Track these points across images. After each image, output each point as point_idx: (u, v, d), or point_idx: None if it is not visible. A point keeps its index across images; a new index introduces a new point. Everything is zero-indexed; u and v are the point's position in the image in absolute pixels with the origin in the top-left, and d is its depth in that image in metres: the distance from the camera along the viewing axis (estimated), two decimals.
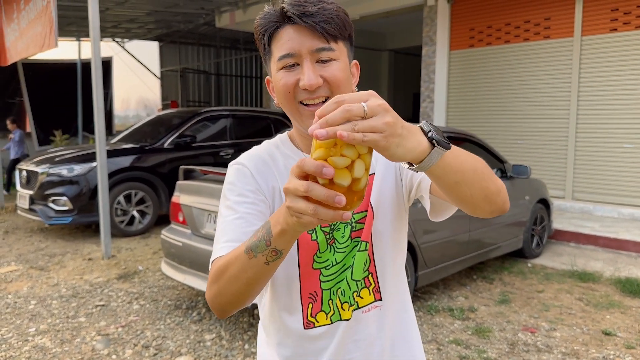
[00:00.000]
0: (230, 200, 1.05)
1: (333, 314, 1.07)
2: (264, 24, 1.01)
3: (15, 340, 3.52)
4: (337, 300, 1.07)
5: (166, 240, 4.12)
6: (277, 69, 1.00)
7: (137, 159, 6.73)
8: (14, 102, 12.84)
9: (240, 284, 0.90)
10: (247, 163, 1.09)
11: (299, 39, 0.97)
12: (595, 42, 7.27)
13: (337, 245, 1.06)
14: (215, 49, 16.24)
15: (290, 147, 1.12)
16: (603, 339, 3.53)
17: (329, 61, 0.99)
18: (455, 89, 8.95)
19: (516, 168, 5.13)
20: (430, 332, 3.62)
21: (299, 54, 0.97)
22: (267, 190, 1.07)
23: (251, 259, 0.86)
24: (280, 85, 1.00)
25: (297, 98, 0.99)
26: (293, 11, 0.96)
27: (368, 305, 1.09)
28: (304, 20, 0.96)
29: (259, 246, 0.84)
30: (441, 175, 0.85)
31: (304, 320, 1.08)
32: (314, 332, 1.08)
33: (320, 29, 0.96)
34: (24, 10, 7.11)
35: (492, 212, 0.97)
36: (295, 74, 0.98)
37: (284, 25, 0.98)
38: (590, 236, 6.06)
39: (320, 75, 0.97)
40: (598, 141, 7.33)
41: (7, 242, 6.24)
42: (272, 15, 1.00)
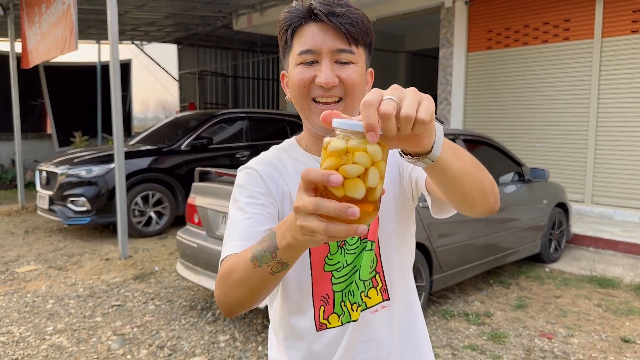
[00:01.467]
0: (240, 202, 1.05)
1: (344, 316, 1.07)
2: (289, 17, 1.02)
3: (33, 338, 3.57)
4: (348, 301, 1.07)
5: (181, 241, 4.15)
6: (296, 64, 1.01)
7: (155, 161, 6.80)
8: (36, 104, 13.06)
9: (244, 289, 0.89)
10: (256, 167, 1.09)
11: (321, 37, 0.98)
12: (616, 43, 7.15)
13: (347, 247, 1.06)
14: (233, 52, 16.34)
15: (299, 150, 1.12)
16: (622, 346, 3.47)
17: (347, 63, 1.00)
18: (472, 91, 8.88)
19: (534, 171, 5.07)
20: (445, 337, 3.59)
21: (320, 52, 0.98)
22: (277, 194, 1.07)
23: (256, 269, 0.84)
24: (297, 80, 1.01)
25: (311, 94, 1.01)
26: (321, 9, 0.97)
27: (376, 306, 1.09)
28: (330, 20, 0.97)
29: (264, 256, 0.82)
30: (447, 164, 0.80)
31: (316, 323, 1.08)
32: (326, 334, 1.08)
33: (345, 30, 0.98)
34: (45, 14, 7.24)
35: (484, 211, 0.94)
36: (312, 70, 0.99)
37: (309, 22, 1.00)
38: (610, 241, 5.96)
39: (337, 75, 0.99)
40: (618, 144, 7.20)
41: (27, 242, 6.35)
42: (299, 11, 1.01)
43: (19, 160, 9.01)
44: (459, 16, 8.67)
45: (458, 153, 0.85)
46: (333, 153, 0.64)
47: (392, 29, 12.27)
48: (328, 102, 1.00)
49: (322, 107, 1.00)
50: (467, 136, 4.67)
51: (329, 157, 0.65)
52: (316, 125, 1.03)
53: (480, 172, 0.91)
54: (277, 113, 8.61)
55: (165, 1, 9.44)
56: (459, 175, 0.84)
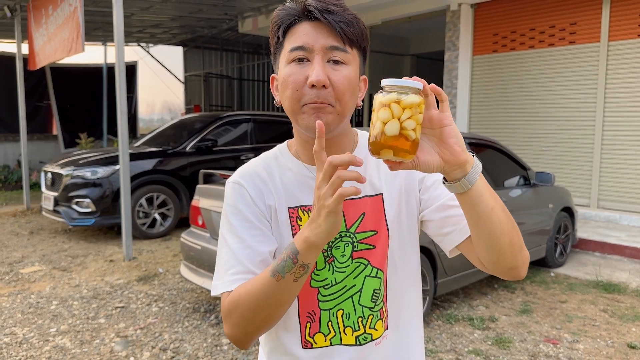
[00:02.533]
0: (234, 225, 1.02)
1: (333, 336, 1.04)
2: (281, 15, 0.99)
3: (37, 340, 3.58)
4: (339, 322, 1.04)
5: (185, 243, 4.15)
6: (287, 62, 0.97)
7: (160, 162, 6.81)
8: (42, 105, 13.13)
9: (269, 308, 0.92)
10: (244, 182, 1.05)
11: (314, 34, 0.95)
12: (622, 47, 7.11)
13: (336, 264, 1.03)
14: (238, 54, 16.38)
15: (289, 157, 1.09)
16: (628, 353, 3.43)
17: (340, 63, 0.96)
18: (478, 95, 8.85)
19: (540, 175, 5.04)
20: (449, 342, 3.57)
21: (312, 49, 0.95)
22: (265, 211, 1.04)
23: (279, 281, 0.88)
24: (290, 81, 0.96)
25: (303, 100, 0.96)
26: (316, 5, 0.95)
27: (380, 338, 1.07)
28: (325, 17, 0.94)
29: (286, 266, 0.87)
30: (481, 195, 0.88)
31: (302, 340, 1.05)
32: (312, 353, 1.05)
33: (339, 28, 0.95)
34: (52, 15, 7.27)
35: (511, 269, 0.96)
36: (304, 70, 0.95)
37: (303, 20, 0.97)
38: (616, 246, 5.92)
39: (328, 77, 0.94)
40: (625, 148, 7.16)
41: (32, 243, 6.36)
42: (292, 9, 0.98)
43: (25, 161, 9.05)
44: (464, 19, 8.66)
45: (493, 193, 0.91)
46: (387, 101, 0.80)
47: (398, 32, 12.26)
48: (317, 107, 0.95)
49: (312, 105, 0.95)
50: (472, 139, 4.65)
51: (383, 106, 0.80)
52: (306, 127, 0.97)
53: (513, 224, 0.93)
54: (282, 115, 8.61)
55: (171, 3, 9.47)
56: (490, 212, 0.89)
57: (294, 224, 1.03)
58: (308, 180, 1.05)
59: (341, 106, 0.97)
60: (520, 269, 0.97)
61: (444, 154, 0.84)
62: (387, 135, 0.79)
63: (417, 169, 0.85)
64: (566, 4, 7.64)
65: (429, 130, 0.84)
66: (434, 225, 1.07)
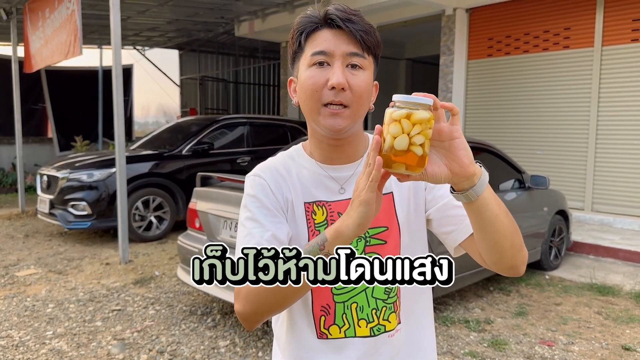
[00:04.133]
0: (255, 213, 1.06)
1: (348, 329, 1.08)
2: (303, 22, 1.05)
3: (33, 343, 3.57)
4: (353, 315, 1.07)
5: (182, 246, 4.15)
6: (308, 65, 1.03)
7: (156, 165, 6.81)
8: (37, 108, 13.09)
9: (288, 290, 0.94)
10: (264, 175, 1.10)
11: (335, 40, 1.01)
12: (616, 52, 7.18)
13: None
14: (234, 58, 16.39)
15: (304, 156, 1.14)
16: (623, 354, 3.46)
17: (357, 68, 1.02)
18: (473, 99, 8.90)
19: (534, 179, 5.08)
20: (445, 344, 3.59)
21: (332, 54, 1.01)
22: (283, 203, 1.09)
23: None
24: (309, 83, 1.02)
25: (323, 99, 1.01)
26: (338, 14, 1.01)
27: (392, 330, 1.10)
28: (347, 25, 1.01)
29: (312, 251, 0.91)
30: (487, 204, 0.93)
31: (317, 331, 1.08)
32: (327, 343, 1.08)
33: (359, 36, 1.01)
34: (49, 18, 7.26)
35: (511, 268, 1.03)
36: (324, 74, 1.01)
37: (324, 27, 1.03)
38: (610, 249, 5.96)
39: (347, 81, 1.00)
40: (618, 152, 7.22)
41: (27, 246, 6.35)
42: (314, 17, 1.04)
43: (20, 164, 9.02)
44: (459, 24, 8.71)
45: (498, 201, 0.96)
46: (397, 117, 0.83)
47: (393, 37, 12.31)
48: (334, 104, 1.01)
49: (331, 109, 1.01)
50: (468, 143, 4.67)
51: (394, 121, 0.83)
52: (324, 127, 1.04)
53: (515, 227, 0.99)
54: (278, 119, 8.64)
55: (168, 7, 9.48)
56: (494, 219, 0.94)
57: (309, 217, 1.09)
58: (322, 178, 1.11)
59: (356, 108, 1.03)
60: (519, 267, 1.03)
61: (452, 166, 0.88)
62: (397, 150, 0.83)
63: (425, 180, 0.89)
64: (560, 9, 7.70)
65: (438, 143, 0.88)
66: (437, 224, 1.12)
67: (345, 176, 1.11)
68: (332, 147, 1.09)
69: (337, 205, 1.09)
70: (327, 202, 1.09)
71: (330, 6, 1.03)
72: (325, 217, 1.09)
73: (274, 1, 9.17)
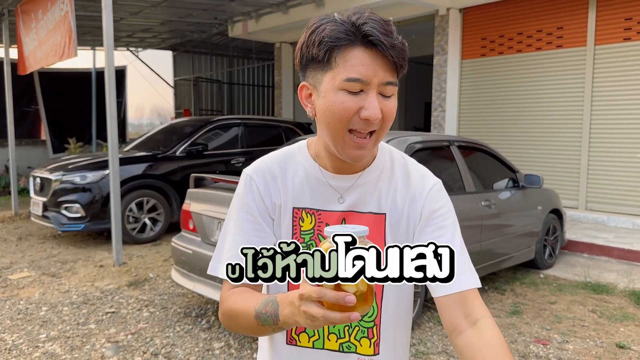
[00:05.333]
0: (240, 217, 1.08)
1: (317, 340, 1.07)
2: (335, 35, 0.93)
3: (26, 346, 3.54)
4: (324, 327, 1.05)
5: (176, 247, 4.14)
6: (339, 88, 0.95)
7: (150, 167, 6.78)
8: (30, 110, 13.02)
9: (252, 334, 1.01)
10: (256, 179, 1.09)
11: (373, 67, 0.94)
12: (608, 51, 7.21)
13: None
14: (228, 59, 16.37)
15: (307, 157, 1.11)
16: (617, 352, 3.47)
17: (389, 97, 0.98)
18: (466, 98, 8.92)
19: (528, 178, 5.09)
20: (440, 343, 3.59)
21: (369, 82, 0.94)
22: (270, 208, 1.08)
23: (259, 326, 0.94)
24: (340, 108, 0.95)
25: (350, 125, 0.97)
26: (380, 38, 0.92)
27: (365, 357, 1.08)
28: (391, 53, 0.93)
29: (267, 321, 0.92)
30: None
31: (287, 335, 1.09)
32: (294, 350, 1.09)
33: (399, 64, 0.96)
34: (42, 20, 7.22)
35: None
36: (358, 101, 0.95)
37: (358, 44, 0.94)
38: (604, 247, 5.98)
39: (380, 109, 0.97)
40: (612, 151, 7.25)
41: (20, 249, 6.31)
42: (347, 30, 0.94)
43: (13, 166, 8.97)
44: (453, 24, 8.73)
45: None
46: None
47: None
48: (361, 137, 0.98)
49: (357, 140, 0.98)
50: (461, 142, 4.69)
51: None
52: (346, 156, 1.01)
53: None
54: (272, 119, 8.63)
55: (161, 8, 9.45)
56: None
57: (295, 223, 1.07)
58: (319, 185, 1.08)
59: (383, 133, 1.01)
60: None
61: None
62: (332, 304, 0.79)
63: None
64: (553, 9, 7.73)
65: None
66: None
67: (345, 186, 1.08)
68: (343, 162, 1.05)
69: (327, 215, 1.07)
70: (318, 210, 1.07)
71: (368, 20, 0.93)
72: (313, 225, 1.07)
73: (267, 2, 9.16)
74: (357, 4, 8.42)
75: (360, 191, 1.07)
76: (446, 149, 4.47)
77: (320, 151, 1.09)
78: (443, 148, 4.48)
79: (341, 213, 1.07)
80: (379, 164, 1.10)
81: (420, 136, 4.45)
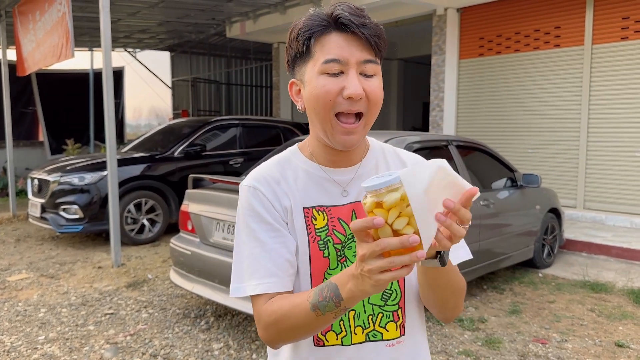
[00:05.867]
0: (253, 228, 1.03)
1: (345, 336, 1.06)
2: (310, 25, 0.99)
3: (25, 348, 3.54)
4: (350, 322, 1.05)
5: (175, 248, 4.13)
6: (319, 73, 0.98)
7: (148, 168, 6.77)
8: (28, 111, 13.00)
9: (305, 332, 0.97)
10: (261, 187, 1.06)
11: (348, 47, 0.97)
12: (606, 50, 7.23)
13: (348, 264, 1.05)
14: (226, 59, 16.37)
15: (303, 159, 1.11)
16: (616, 351, 3.48)
17: (371, 76, 0.99)
18: (464, 98, 8.93)
19: (526, 177, 5.09)
20: (439, 343, 3.59)
21: (347, 62, 0.97)
22: (282, 212, 1.06)
23: (319, 317, 0.91)
24: (322, 92, 0.98)
25: (336, 108, 0.98)
26: (351, 19, 0.96)
27: (393, 340, 1.08)
28: (362, 31, 0.96)
29: (327, 306, 0.89)
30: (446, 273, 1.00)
31: (314, 337, 1.06)
32: (324, 351, 1.06)
33: (374, 42, 0.98)
34: (39, 21, 7.22)
35: (442, 318, 1.13)
36: (339, 82, 0.97)
37: (333, 30, 0.98)
38: (602, 246, 5.99)
39: (363, 89, 0.98)
40: (610, 150, 7.26)
41: (19, 250, 6.29)
42: (321, 19, 0.99)
43: (11, 168, 8.95)
44: (450, 24, 8.74)
45: (457, 276, 1.04)
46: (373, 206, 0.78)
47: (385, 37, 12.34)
48: (349, 122, 0.99)
49: (344, 125, 0.99)
50: (460, 142, 4.69)
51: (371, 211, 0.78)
52: (336, 142, 1.02)
53: (460, 292, 1.09)
54: (270, 120, 8.63)
55: (158, 9, 9.45)
56: (445, 284, 1.03)
57: (308, 223, 1.06)
58: (322, 182, 1.08)
59: (372, 116, 1.02)
60: (449, 319, 1.13)
61: (440, 238, 0.85)
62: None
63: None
64: (550, 8, 7.74)
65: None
66: None
67: (347, 179, 1.08)
68: (338, 152, 1.07)
69: (338, 210, 1.07)
70: (328, 206, 1.07)
71: (339, 7, 0.98)
72: (326, 222, 1.06)
73: (265, 2, 9.16)
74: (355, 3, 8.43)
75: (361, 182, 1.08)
76: (444, 148, 4.48)
77: (315, 149, 1.09)
78: (441, 148, 4.48)
79: (350, 205, 1.07)
80: (373, 155, 1.13)
81: (418, 136, 4.45)
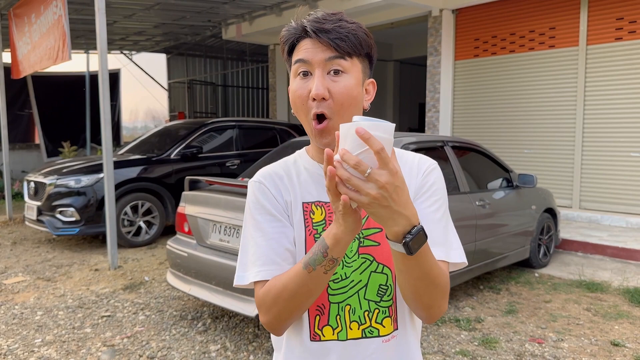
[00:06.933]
0: (257, 220, 1.10)
1: (340, 331, 1.08)
2: (286, 35, 1.09)
3: (21, 351, 3.53)
4: (346, 317, 1.07)
5: (172, 250, 4.13)
6: (294, 76, 1.08)
7: (144, 170, 6.77)
8: (24, 114, 12.97)
9: (301, 297, 1.00)
10: (266, 182, 1.13)
11: (313, 49, 1.04)
12: (600, 51, 7.26)
13: (345, 259, 1.08)
14: (222, 61, 16.37)
15: (307, 159, 1.16)
16: (612, 350, 3.50)
17: (340, 73, 1.04)
18: (460, 99, 8.96)
19: (522, 177, 5.12)
20: (436, 343, 3.60)
21: (312, 62, 1.04)
22: (283, 205, 1.11)
23: (311, 273, 0.96)
24: (295, 97, 1.07)
25: (310, 110, 1.04)
26: (311, 27, 1.04)
27: (388, 335, 1.09)
28: (319, 35, 1.03)
29: (317, 259, 0.95)
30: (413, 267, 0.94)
31: (310, 332, 1.09)
32: (319, 345, 1.08)
33: (334, 44, 1.03)
34: (35, 23, 7.21)
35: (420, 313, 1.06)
36: (308, 84, 1.05)
37: (304, 37, 1.06)
38: (598, 246, 6.02)
39: (328, 89, 1.02)
40: (605, 150, 7.30)
41: (15, 253, 6.28)
42: (295, 29, 1.08)
43: (7, 170, 8.93)
44: (446, 25, 8.76)
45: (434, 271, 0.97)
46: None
47: (380, 38, 12.36)
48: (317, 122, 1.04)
49: (316, 125, 1.05)
50: (455, 143, 4.71)
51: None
52: (318, 143, 1.09)
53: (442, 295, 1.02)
54: (267, 121, 8.63)
55: (154, 11, 9.44)
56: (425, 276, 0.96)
57: (307, 217, 1.11)
58: (321, 179, 1.13)
59: (339, 118, 1.04)
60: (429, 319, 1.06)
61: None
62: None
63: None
64: (545, 9, 7.78)
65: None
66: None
67: None
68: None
69: None
70: (327, 202, 1.11)
71: (307, 17, 1.06)
72: (324, 217, 1.10)
73: (261, 4, 9.17)
74: (350, 5, 8.45)
75: None
76: (440, 149, 4.49)
77: (314, 152, 1.15)
78: (437, 148, 4.49)
79: None
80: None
81: (414, 137, 4.46)
